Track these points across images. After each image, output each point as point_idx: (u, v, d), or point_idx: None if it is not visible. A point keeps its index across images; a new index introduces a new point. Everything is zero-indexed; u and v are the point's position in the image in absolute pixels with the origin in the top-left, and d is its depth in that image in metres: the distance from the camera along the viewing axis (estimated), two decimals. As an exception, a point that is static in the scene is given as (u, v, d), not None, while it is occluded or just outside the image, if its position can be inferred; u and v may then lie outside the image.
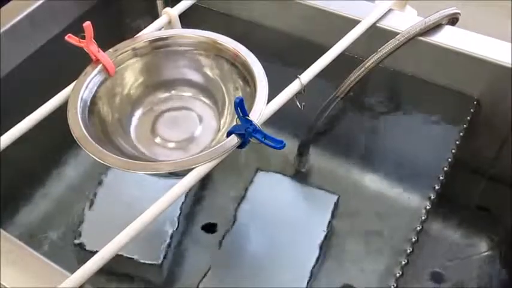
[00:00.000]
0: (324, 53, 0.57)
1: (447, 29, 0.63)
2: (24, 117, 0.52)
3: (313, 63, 0.55)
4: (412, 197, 0.66)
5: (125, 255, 0.60)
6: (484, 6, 0.79)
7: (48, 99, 0.53)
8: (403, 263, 0.55)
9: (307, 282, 0.57)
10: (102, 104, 0.54)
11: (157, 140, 0.55)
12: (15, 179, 0.68)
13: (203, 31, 0.57)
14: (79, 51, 0.53)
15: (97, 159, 0.47)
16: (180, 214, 0.64)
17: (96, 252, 0.43)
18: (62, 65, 0.71)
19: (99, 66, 0.54)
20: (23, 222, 0.69)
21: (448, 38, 0.62)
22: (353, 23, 0.61)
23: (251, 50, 0.54)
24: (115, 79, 0.55)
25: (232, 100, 0.50)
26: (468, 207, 0.73)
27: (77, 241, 0.62)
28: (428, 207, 0.58)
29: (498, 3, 0.81)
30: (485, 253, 0.69)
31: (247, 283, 0.58)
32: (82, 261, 0.43)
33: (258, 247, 0.61)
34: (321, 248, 0.60)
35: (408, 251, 0.56)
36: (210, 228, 0.67)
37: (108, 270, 0.62)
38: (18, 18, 0.69)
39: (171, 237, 0.62)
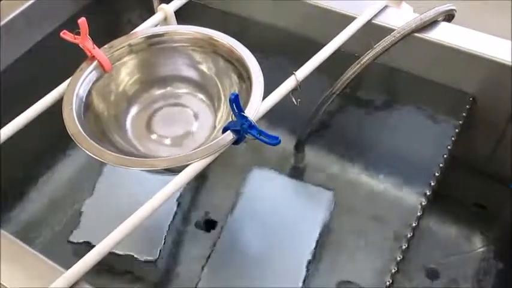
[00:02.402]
0: (319, 50, 0.57)
1: (443, 25, 0.63)
2: (19, 114, 0.52)
3: (308, 59, 0.55)
4: (407, 193, 0.66)
5: (120, 251, 0.60)
6: (484, 4, 0.79)
7: (44, 96, 0.53)
8: (399, 259, 0.55)
9: (304, 278, 0.57)
10: (98, 100, 0.54)
11: (153, 136, 0.55)
12: (10, 175, 0.68)
13: (199, 27, 0.57)
14: (75, 48, 0.53)
15: (93, 155, 0.47)
16: (176, 211, 0.64)
17: (92, 247, 0.43)
18: (57, 61, 0.70)
19: (95, 63, 0.54)
20: (19, 219, 0.69)
21: (443, 34, 0.62)
22: (349, 19, 0.61)
23: (247, 46, 0.54)
24: (110, 76, 0.55)
25: (228, 96, 0.50)
26: (464, 204, 0.73)
27: (72, 236, 0.62)
28: (424, 204, 0.58)
29: (498, 2, 0.81)
30: (480, 249, 0.69)
31: (244, 279, 0.58)
32: (78, 256, 0.43)
33: (254, 243, 0.61)
34: (317, 244, 0.60)
35: (404, 247, 0.56)
36: (206, 224, 0.67)
37: (103, 267, 0.62)
38: (13, 15, 0.68)
39: (167, 234, 0.62)
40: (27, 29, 0.70)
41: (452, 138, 0.62)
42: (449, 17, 0.63)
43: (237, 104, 0.45)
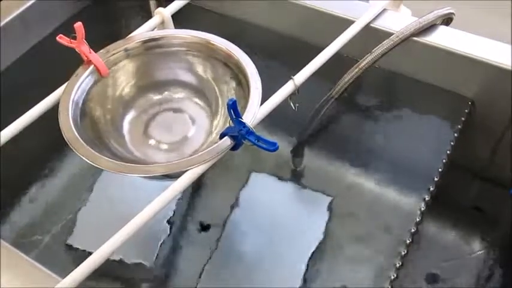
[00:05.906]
0: (318, 54, 0.56)
1: (441, 29, 0.63)
2: (16, 117, 0.52)
3: (307, 63, 0.55)
4: (406, 198, 0.66)
5: (116, 257, 0.59)
6: (483, 6, 0.79)
7: (39, 101, 0.53)
8: (398, 265, 0.55)
9: (301, 284, 0.57)
10: (94, 105, 0.54)
11: (150, 141, 0.54)
12: (7, 180, 0.68)
13: (196, 31, 0.56)
14: (71, 51, 0.53)
15: (89, 162, 0.46)
16: (173, 216, 0.64)
17: (88, 253, 0.43)
18: (55, 64, 0.70)
19: (91, 67, 0.54)
20: (15, 224, 0.68)
21: (442, 38, 0.62)
22: (347, 23, 0.61)
23: (244, 51, 0.53)
24: (107, 80, 0.55)
25: (226, 101, 0.50)
26: (463, 208, 0.73)
27: (69, 243, 0.61)
28: (423, 209, 0.58)
29: (498, 3, 0.81)
30: (480, 253, 0.69)
31: (241, 285, 0.57)
32: (75, 263, 0.43)
33: (251, 249, 0.60)
34: (315, 250, 0.60)
35: (403, 253, 0.56)
36: (203, 229, 0.67)
37: (100, 272, 0.61)
38: (11, 17, 0.68)
39: (164, 239, 0.62)
40: (24, 32, 0.70)
41: (451, 143, 0.62)
42: (447, 20, 0.63)
43: (234, 109, 0.45)
